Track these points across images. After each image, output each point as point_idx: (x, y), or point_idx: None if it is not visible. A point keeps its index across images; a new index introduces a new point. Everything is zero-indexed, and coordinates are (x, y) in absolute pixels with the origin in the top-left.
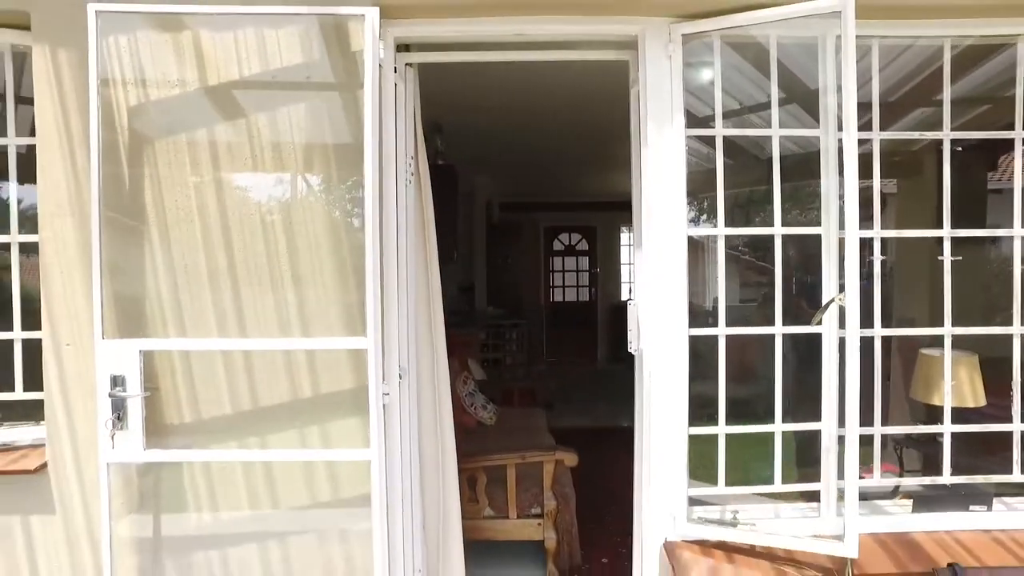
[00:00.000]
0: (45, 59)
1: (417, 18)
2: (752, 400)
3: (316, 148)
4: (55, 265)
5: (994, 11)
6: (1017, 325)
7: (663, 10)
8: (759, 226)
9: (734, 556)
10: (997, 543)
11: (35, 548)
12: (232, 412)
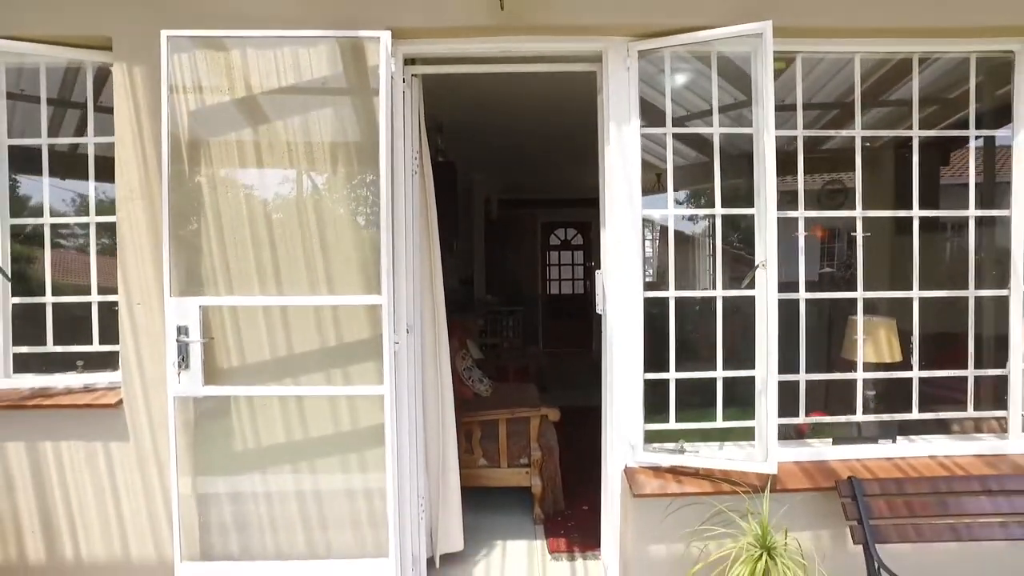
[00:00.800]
0: (123, 73)
1: (421, 38)
2: (704, 354)
3: (339, 144)
4: (129, 239)
5: (885, 33)
6: (916, 291)
7: (622, 31)
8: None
9: (681, 477)
10: (895, 466)
11: (114, 468)
12: (271, 357)
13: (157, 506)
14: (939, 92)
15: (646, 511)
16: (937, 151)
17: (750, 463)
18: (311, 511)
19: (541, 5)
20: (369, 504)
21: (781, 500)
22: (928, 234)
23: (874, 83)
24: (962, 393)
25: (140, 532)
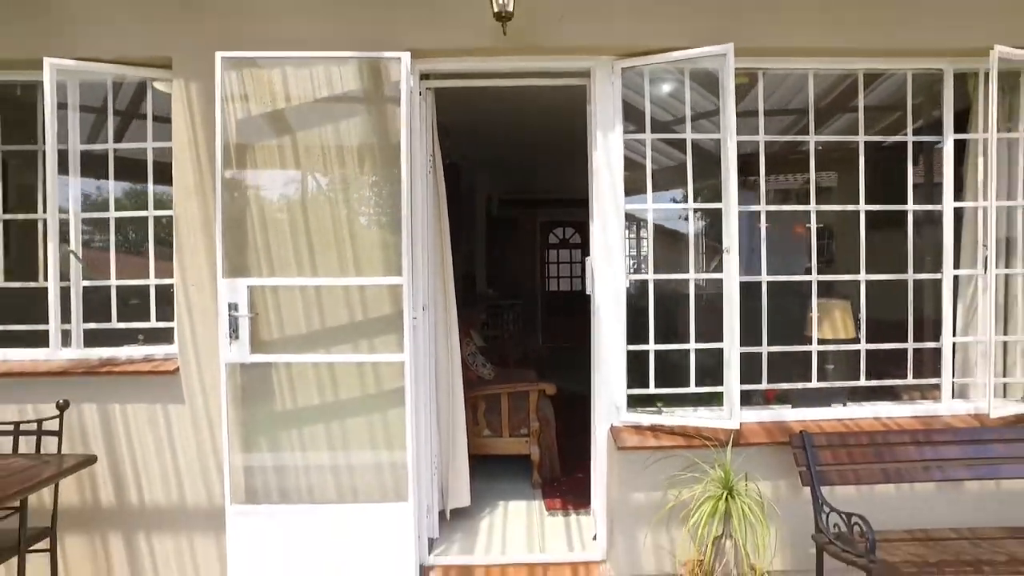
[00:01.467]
0: (181, 88)
1: (435, 57)
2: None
3: (364, 147)
4: (185, 230)
5: (834, 53)
6: (863, 274)
7: (607, 51)
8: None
9: (659, 434)
10: (842, 424)
11: (172, 427)
12: (306, 330)
13: (208, 459)
14: (900, 102)
15: (629, 464)
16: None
17: (718, 420)
18: (340, 462)
19: (538, 30)
20: (391, 456)
21: (745, 453)
22: (899, 229)
23: (841, 93)
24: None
25: (193, 481)
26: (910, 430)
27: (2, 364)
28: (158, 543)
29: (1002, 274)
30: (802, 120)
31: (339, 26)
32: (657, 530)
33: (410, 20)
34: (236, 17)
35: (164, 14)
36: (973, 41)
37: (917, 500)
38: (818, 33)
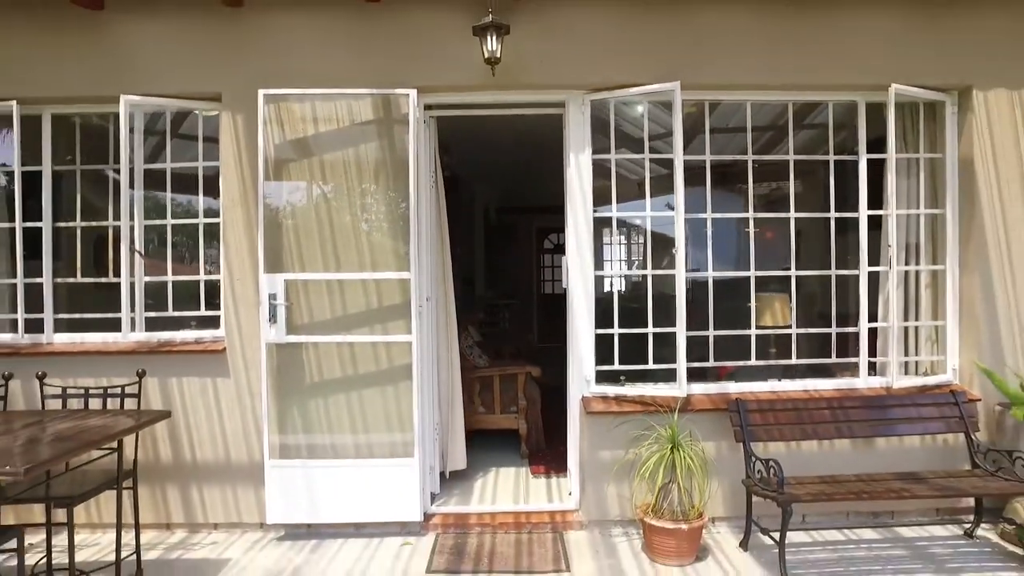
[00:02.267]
0: (229, 117)
1: (437, 92)
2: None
3: (379, 164)
4: (231, 233)
5: (766, 87)
6: (793, 270)
7: (579, 87)
8: None
9: (621, 402)
10: (773, 394)
11: (219, 397)
12: (331, 316)
13: (249, 423)
14: (849, 122)
15: (597, 427)
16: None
17: (669, 390)
18: (358, 425)
19: (521, 70)
20: (400, 421)
21: (693, 418)
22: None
23: (794, 116)
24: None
25: (236, 442)
26: (827, 398)
27: (80, 345)
28: (207, 492)
29: (904, 271)
30: (763, 136)
31: (360, 65)
32: (620, 482)
33: (417, 63)
34: (274, 59)
35: (215, 58)
36: (878, 80)
37: (834, 455)
38: (753, 72)
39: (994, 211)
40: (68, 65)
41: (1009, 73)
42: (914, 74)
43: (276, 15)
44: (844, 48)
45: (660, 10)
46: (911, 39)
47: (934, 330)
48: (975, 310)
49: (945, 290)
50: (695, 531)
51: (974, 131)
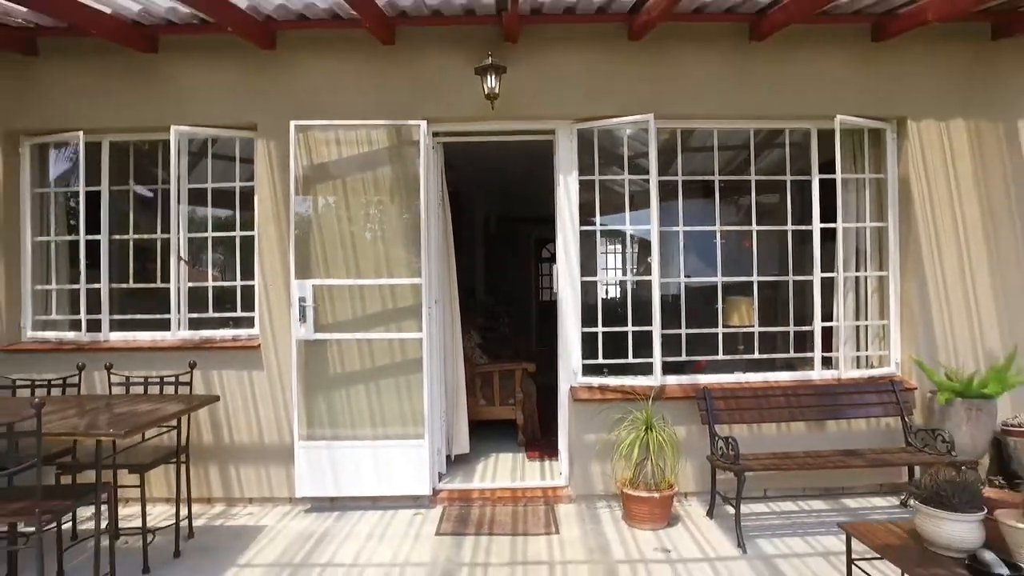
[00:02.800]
0: (264, 144)
1: (444, 122)
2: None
3: (394, 183)
4: (265, 245)
5: (728, 118)
6: (755, 275)
7: (566, 118)
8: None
9: (604, 391)
10: (737, 384)
11: (254, 388)
12: (352, 317)
13: (280, 410)
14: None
15: (583, 413)
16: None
17: (645, 380)
18: (376, 411)
19: (516, 103)
20: (412, 407)
21: (667, 405)
22: (827, 240)
23: (761, 140)
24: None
25: (269, 426)
26: (784, 388)
27: (133, 342)
28: (243, 471)
29: (855, 276)
30: (741, 155)
31: (377, 100)
32: (604, 461)
33: (426, 97)
34: (303, 94)
35: (251, 93)
36: (826, 111)
37: (790, 437)
38: (717, 105)
39: (928, 225)
40: (125, 100)
41: (937, 106)
42: (857, 106)
43: (304, 56)
44: (796, 85)
45: (636, 52)
46: (853, 77)
47: (880, 328)
48: (913, 311)
49: (888, 294)
50: (666, 499)
51: (910, 155)
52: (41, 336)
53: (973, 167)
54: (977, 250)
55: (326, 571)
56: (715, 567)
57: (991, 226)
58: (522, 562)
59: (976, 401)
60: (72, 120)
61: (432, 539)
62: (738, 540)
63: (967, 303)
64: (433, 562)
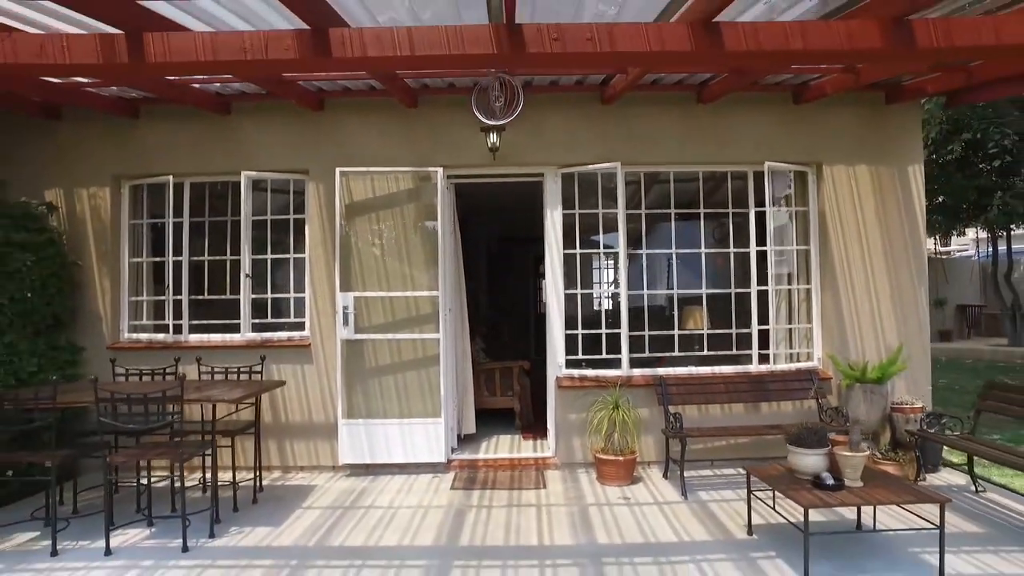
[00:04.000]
0: (314, 185)
1: (456, 168)
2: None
3: (417, 214)
4: (315, 264)
5: (682, 163)
6: (704, 288)
7: (552, 165)
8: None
9: (583, 380)
10: (688, 375)
11: (306, 378)
12: (383, 321)
13: (326, 395)
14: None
15: (566, 398)
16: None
17: (615, 371)
18: (402, 396)
19: (512, 154)
20: (431, 394)
21: (633, 391)
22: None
23: (718, 181)
24: (756, 344)
25: (316, 408)
26: (725, 377)
27: (208, 341)
28: (296, 444)
29: (786, 289)
30: (705, 186)
31: (404, 150)
32: (583, 436)
33: (442, 149)
34: (345, 146)
35: (304, 145)
36: (759, 158)
37: (732, 416)
38: (671, 154)
39: (840, 249)
40: (204, 151)
41: (846, 155)
42: (783, 154)
43: (346, 116)
44: (735, 137)
45: (607, 114)
46: (780, 131)
47: (807, 331)
48: (830, 317)
49: (812, 303)
50: (629, 462)
51: (826, 194)
52: (135, 337)
53: (875, 203)
54: (879, 268)
55: (369, 511)
56: (662, 508)
57: (890, 249)
58: (517, 505)
59: (870, 385)
60: (162, 167)
61: (448, 492)
62: (682, 491)
63: (871, 310)
64: (449, 504)
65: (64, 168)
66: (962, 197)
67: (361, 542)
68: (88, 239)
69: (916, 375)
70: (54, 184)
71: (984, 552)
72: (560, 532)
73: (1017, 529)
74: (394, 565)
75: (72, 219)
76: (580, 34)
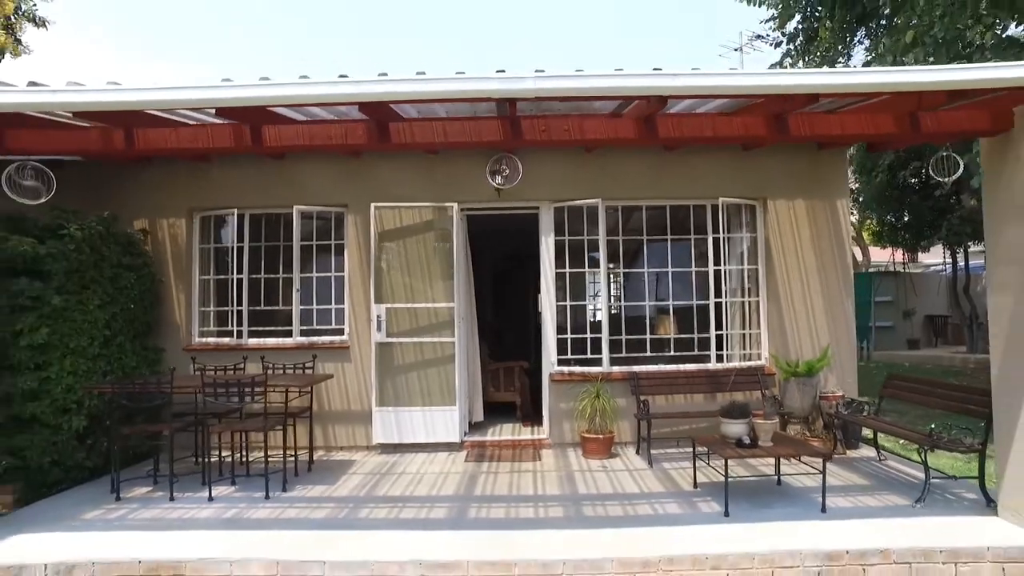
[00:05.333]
0: (352, 217)
1: (468, 203)
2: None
3: (437, 240)
4: (353, 281)
5: (653, 198)
6: (670, 301)
7: (546, 200)
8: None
9: (572, 375)
10: (659, 371)
11: (346, 374)
12: (410, 327)
13: (362, 388)
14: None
15: (558, 389)
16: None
17: (598, 368)
18: (424, 388)
19: (514, 192)
20: (448, 386)
21: (613, 384)
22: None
23: (688, 212)
24: (714, 346)
25: (354, 398)
26: (687, 373)
27: (264, 344)
28: (337, 428)
29: (738, 301)
30: (678, 214)
31: (426, 190)
32: (571, 421)
33: (457, 188)
34: (378, 185)
35: (345, 184)
36: (714, 194)
37: (693, 404)
38: (642, 191)
39: (782, 268)
40: (262, 188)
41: (786, 192)
42: (735, 191)
43: (379, 162)
44: (693, 177)
45: (590, 159)
46: (732, 172)
47: (757, 335)
48: (775, 324)
49: (760, 312)
50: (608, 440)
51: (769, 222)
52: (204, 340)
53: (810, 231)
54: (814, 284)
55: (401, 476)
56: (631, 473)
57: (822, 268)
58: (517, 472)
59: (802, 378)
60: (228, 201)
61: (462, 463)
62: (649, 461)
63: (808, 318)
64: (464, 471)
65: (150, 202)
66: (920, 217)
67: (399, 493)
68: (167, 260)
69: (844, 370)
70: (142, 215)
71: (863, 495)
72: (551, 487)
73: (895, 481)
74: (426, 506)
75: (155, 244)
76: (560, 125)
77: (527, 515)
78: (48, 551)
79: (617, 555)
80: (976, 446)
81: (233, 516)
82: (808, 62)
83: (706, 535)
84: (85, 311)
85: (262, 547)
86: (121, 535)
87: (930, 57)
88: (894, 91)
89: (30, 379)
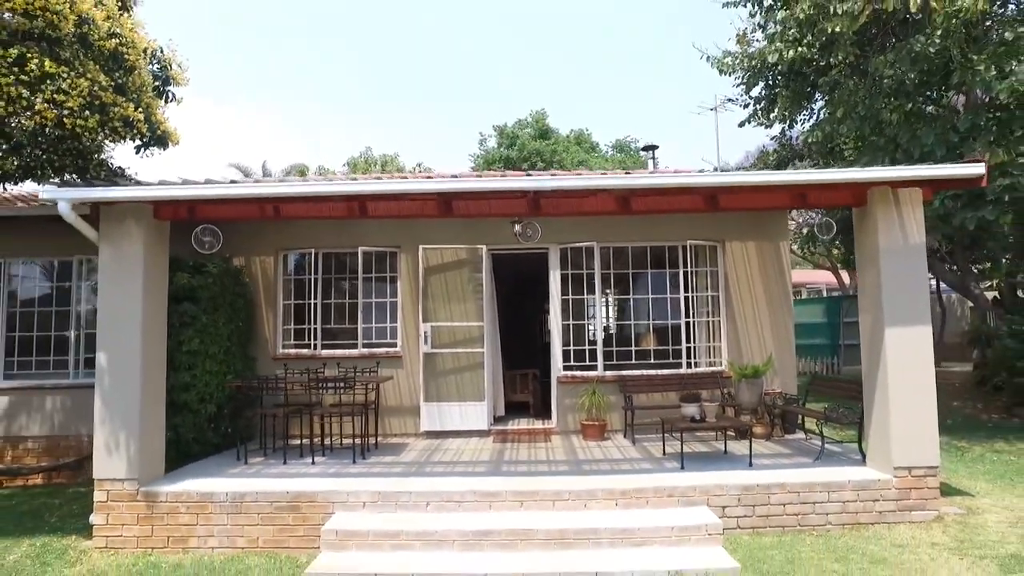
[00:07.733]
0: (404, 256)
1: (494, 245)
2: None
3: (470, 273)
4: (406, 305)
5: (636, 240)
6: (651, 320)
7: (554, 243)
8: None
9: (574, 378)
10: (642, 375)
11: (400, 379)
12: (449, 341)
13: (412, 387)
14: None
15: (563, 389)
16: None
17: (595, 372)
18: (460, 387)
19: (529, 237)
20: (478, 386)
21: (607, 384)
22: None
23: (664, 250)
24: (685, 356)
25: (405, 396)
26: (663, 376)
27: (333, 354)
28: (390, 419)
29: (705, 321)
30: (665, 250)
31: (462, 236)
32: (574, 413)
33: (486, 235)
34: (424, 233)
35: (398, 232)
36: (682, 238)
37: (668, 400)
38: (626, 236)
39: (737, 296)
40: (336, 232)
41: (741, 235)
42: (700, 235)
43: None
44: (668, 225)
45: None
46: (699, 221)
47: (719, 347)
48: (732, 338)
49: (721, 329)
50: (602, 426)
51: (728, 260)
52: (286, 352)
53: (760, 266)
54: (762, 307)
55: (447, 451)
56: (619, 448)
57: (770, 296)
58: (533, 447)
59: (750, 379)
60: (307, 243)
61: (491, 444)
62: (632, 441)
63: (758, 333)
64: (493, 448)
65: (246, 243)
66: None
67: (449, 459)
68: (259, 289)
69: (786, 373)
70: (239, 253)
71: (783, 459)
72: (559, 456)
73: (811, 451)
74: (470, 466)
75: (250, 276)
76: (567, 204)
77: (543, 470)
78: (221, 486)
79: (603, 487)
80: (855, 420)
81: (335, 472)
82: (772, 121)
83: (665, 478)
84: (217, 327)
85: (364, 486)
86: (263, 480)
87: (855, 127)
88: (782, 185)
89: (186, 376)
